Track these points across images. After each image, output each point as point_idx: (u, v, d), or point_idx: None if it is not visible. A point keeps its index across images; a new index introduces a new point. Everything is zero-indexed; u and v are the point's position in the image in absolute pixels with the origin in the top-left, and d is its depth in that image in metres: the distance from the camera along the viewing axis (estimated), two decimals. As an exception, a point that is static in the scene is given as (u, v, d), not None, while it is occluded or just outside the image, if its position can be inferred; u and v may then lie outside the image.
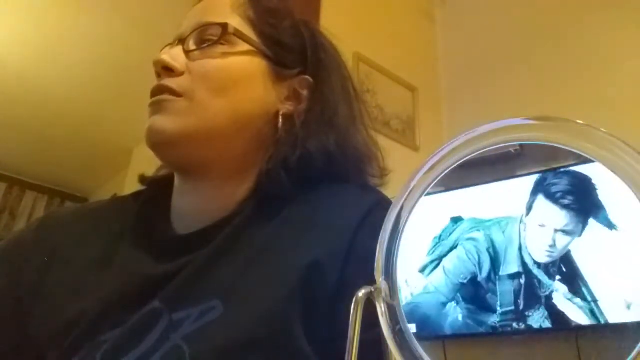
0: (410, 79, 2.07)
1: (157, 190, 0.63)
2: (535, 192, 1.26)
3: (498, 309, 1.26)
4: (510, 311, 1.24)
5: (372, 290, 0.33)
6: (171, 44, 0.60)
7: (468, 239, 1.32)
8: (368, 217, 0.54)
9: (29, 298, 0.56)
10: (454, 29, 2.32)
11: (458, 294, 1.30)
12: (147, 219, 0.60)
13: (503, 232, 1.29)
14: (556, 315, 1.20)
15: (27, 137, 3.40)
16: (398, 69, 2.02)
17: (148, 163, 0.64)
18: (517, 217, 1.28)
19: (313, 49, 0.64)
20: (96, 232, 0.61)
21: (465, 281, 1.30)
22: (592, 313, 1.13)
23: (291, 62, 0.62)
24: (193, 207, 0.59)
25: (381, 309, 0.32)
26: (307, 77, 0.62)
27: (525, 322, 1.23)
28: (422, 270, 1.33)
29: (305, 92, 0.62)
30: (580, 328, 1.22)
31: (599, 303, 1.12)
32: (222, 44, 0.57)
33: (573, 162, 1.25)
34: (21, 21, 2.51)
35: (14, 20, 2.50)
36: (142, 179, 0.65)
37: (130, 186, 0.81)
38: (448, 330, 1.29)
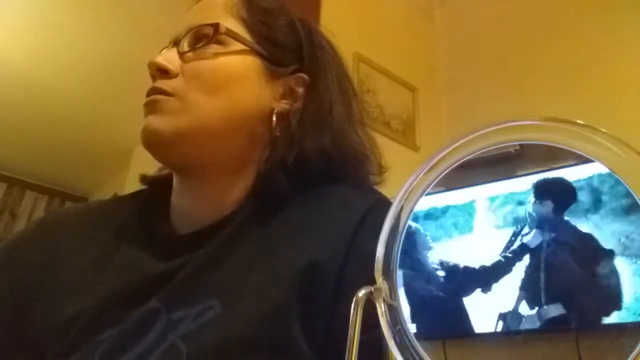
0: (410, 79, 2.07)
1: (157, 190, 0.63)
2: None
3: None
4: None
5: (372, 290, 0.33)
6: (167, 47, 0.60)
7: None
8: (367, 217, 0.54)
9: (28, 298, 0.56)
10: (454, 29, 2.32)
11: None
12: (146, 219, 0.60)
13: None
14: (556, 315, 1.20)
15: (27, 138, 3.39)
16: (398, 69, 2.02)
17: (148, 163, 0.64)
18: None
19: (309, 46, 0.63)
20: (96, 232, 0.61)
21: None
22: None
23: (286, 59, 0.61)
24: (191, 207, 0.59)
25: (381, 309, 0.32)
26: (302, 74, 0.62)
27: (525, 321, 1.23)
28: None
29: (301, 90, 0.61)
30: (580, 328, 1.22)
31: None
32: (214, 44, 0.57)
33: (573, 162, 1.25)
34: (20, 22, 2.50)
35: (13, 20, 2.50)
36: (143, 179, 0.66)
37: (130, 186, 0.81)
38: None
